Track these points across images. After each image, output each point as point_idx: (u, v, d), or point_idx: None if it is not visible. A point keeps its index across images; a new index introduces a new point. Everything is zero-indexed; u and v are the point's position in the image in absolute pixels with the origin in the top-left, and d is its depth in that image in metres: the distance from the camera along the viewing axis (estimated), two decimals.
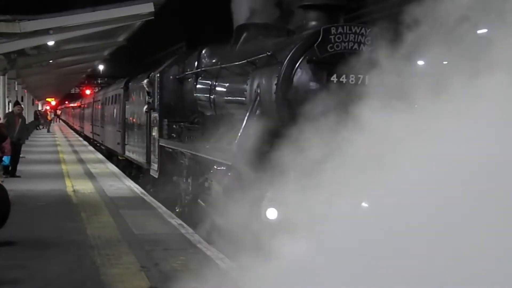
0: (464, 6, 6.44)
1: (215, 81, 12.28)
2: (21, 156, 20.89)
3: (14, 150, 17.91)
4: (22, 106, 23.05)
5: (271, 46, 10.21)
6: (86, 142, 40.87)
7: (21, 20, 19.89)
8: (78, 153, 30.84)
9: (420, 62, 8.13)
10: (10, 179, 17.99)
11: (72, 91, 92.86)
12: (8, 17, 19.82)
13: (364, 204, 8.05)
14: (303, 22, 10.10)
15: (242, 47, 12.02)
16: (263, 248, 8.12)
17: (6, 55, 23.84)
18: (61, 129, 68.76)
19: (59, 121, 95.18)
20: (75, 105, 67.75)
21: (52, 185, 17.37)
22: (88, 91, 61.58)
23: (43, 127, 59.67)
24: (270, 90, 9.28)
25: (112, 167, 23.33)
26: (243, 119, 10.34)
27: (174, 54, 21.88)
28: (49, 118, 63.88)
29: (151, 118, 16.40)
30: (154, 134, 15.89)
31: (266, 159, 9.03)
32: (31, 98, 56.92)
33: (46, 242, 10.02)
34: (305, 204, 7.60)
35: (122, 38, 29.47)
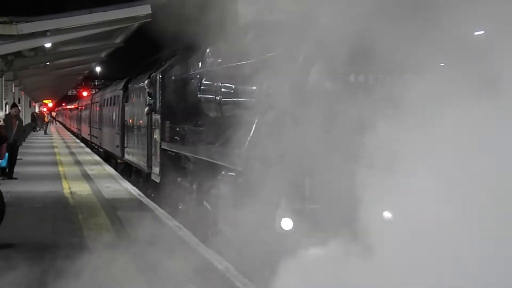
0: None
1: (221, 81, 11.67)
2: (18, 158, 20.92)
3: (11, 152, 17.95)
4: (19, 108, 23.24)
5: (284, 43, 9.61)
6: (83, 144, 40.75)
7: (18, 22, 19.82)
8: (75, 154, 30.86)
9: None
10: (7, 181, 17.88)
11: (69, 93, 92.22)
12: (5, 19, 19.62)
13: (387, 213, 7.50)
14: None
15: (251, 45, 11.39)
16: (277, 261, 7.56)
17: (3, 57, 23.74)
18: (58, 131, 68.45)
19: (56, 122, 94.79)
20: (72, 107, 67.20)
21: (49, 187, 17.34)
22: (85, 93, 60.98)
23: (40, 129, 59.27)
24: (284, 89, 8.66)
25: (109, 169, 23.26)
26: (253, 121, 9.75)
27: (172, 55, 21.47)
28: (46, 120, 63.56)
29: (152, 120, 15.81)
30: (156, 136, 15.29)
31: (280, 164, 8.44)
32: (28, 100, 56.66)
33: (43, 244, 10.01)
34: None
35: (119, 40, 29.27)
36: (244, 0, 10.63)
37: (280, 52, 9.03)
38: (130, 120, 20.32)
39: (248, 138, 9.11)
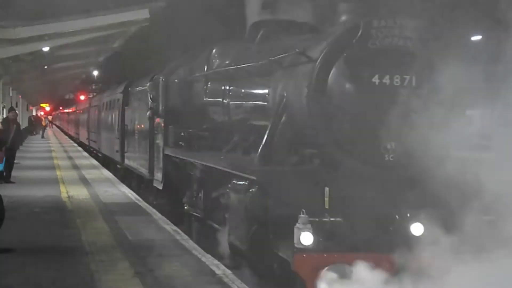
0: None
1: (229, 83, 11.03)
2: (15, 162, 20.96)
3: (8, 156, 17.73)
4: (17, 112, 23.50)
5: (299, 43, 8.98)
6: (80, 148, 40.43)
7: (16, 26, 19.74)
8: (73, 159, 30.80)
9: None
10: (4, 185, 17.69)
11: (66, 97, 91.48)
12: (3, 23, 19.26)
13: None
14: (335, 16, 8.90)
15: (261, 46, 10.78)
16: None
17: (1, 61, 23.43)
18: (55, 135, 67.99)
19: (52, 126, 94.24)
20: (70, 110, 66.48)
21: (46, 191, 17.25)
22: (82, 97, 60.29)
23: (36, 133, 58.68)
24: (300, 93, 8.03)
25: (106, 173, 23.28)
26: (265, 126, 9.12)
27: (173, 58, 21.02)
28: (43, 123, 63.08)
29: (155, 124, 15.13)
30: (158, 141, 14.63)
31: (296, 173, 7.83)
32: (26, 104, 56.21)
33: (41, 248, 10.01)
34: None
35: (117, 44, 29.01)
36: None
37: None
38: (131, 124, 19.62)
39: (262, 144, 8.47)
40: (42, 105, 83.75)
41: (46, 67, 33.06)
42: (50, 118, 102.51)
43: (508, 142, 6.86)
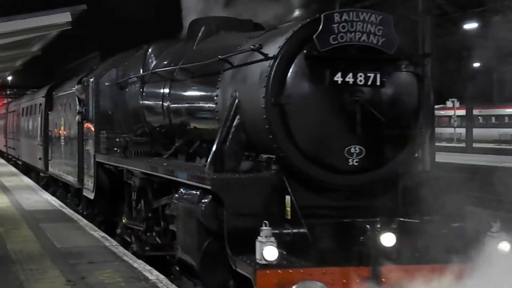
0: None
1: (170, 85, 10.29)
2: None
3: None
4: None
5: (249, 40, 8.36)
6: None
7: None
8: None
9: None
10: None
11: None
12: None
13: None
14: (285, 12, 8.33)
15: (204, 44, 10.09)
16: None
17: None
18: None
19: None
20: None
21: None
22: None
23: None
24: (255, 93, 7.38)
25: (27, 180, 23.08)
26: (213, 130, 8.46)
27: (88, 63, 20.37)
28: None
29: (84, 129, 14.23)
30: (88, 148, 13.73)
31: (255, 181, 7.19)
32: None
33: None
34: None
35: (36, 48, 27.88)
36: None
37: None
38: (56, 130, 18.55)
39: (213, 149, 7.79)
40: None
41: None
42: None
43: None
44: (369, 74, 7.14)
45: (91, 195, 13.42)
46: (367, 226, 6.61)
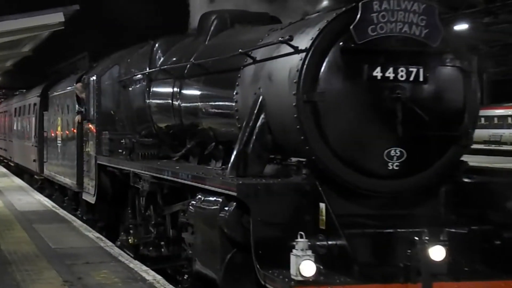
0: None
1: (180, 82, 9.60)
2: None
3: None
4: None
5: (273, 33, 7.68)
6: None
7: None
8: None
9: None
10: None
11: None
12: None
13: None
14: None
15: (219, 39, 9.42)
16: None
17: None
18: None
19: None
20: None
21: None
22: None
23: None
24: (285, 90, 6.69)
25: (18, 181, 22.92)
26: (231, 131, 7.79)
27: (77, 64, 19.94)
28: None
29: (84, 130, 13.51)
30: (89, 149, 13.02)
31: (285, 187, 6.51)
32: None
33: None
34: None
35: (28, 49, 27.28)
36: None
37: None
38: (52, 130, 17.81)
39: (235, 152, 7.10)
40: None
41: None
42: None
43: None
44: (411, 69, 6.46)
45: (92, 200, 12.73)
46: (415, 238, 5.91)
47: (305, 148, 6.54)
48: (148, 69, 10.88)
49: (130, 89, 11.77)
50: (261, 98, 7.12)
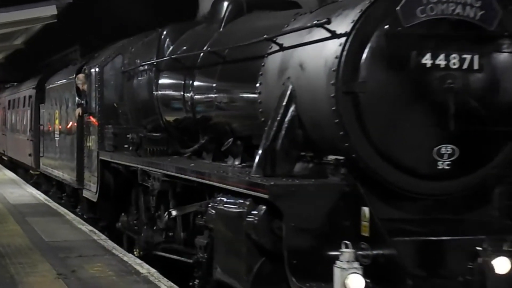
0: None
1: (193, 72, 8.86)
2: None
3: None
4: None
5: (300, 17, 6.95)
6: None
7: None
8: None
9: None
10: None
11: None
12: None
13: None
14: None
15: (236, 25, 8.68)
16: None
17: None
18: None
19: None
20: None
21: None
22: None
23: None
24: (321, 79, 5.95)
25: (10, 174, 22.99)
26: (252, 125, 7.06)
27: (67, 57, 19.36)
28: None
29: (85, 124, 12.77)
30: (90, 144, 12.29)
31: (322, 188, 5.80)
32: None
33: None
34: None
35: (20, 42, 26.72)
36: None
37: None
38: (50, 124, 17.06)
39: (261, 148, 6.37)
40: None
41: None
42: None
43: None
44: (464, 56, 5.74)
45: (94, 197, 12.00)
46: (476, 248, 5.20)
47: (344, 144, 5.81)
48: (155, 58, 10.12)
49: (135, 80, 11.01)
50: (290, 89, 6.37)
